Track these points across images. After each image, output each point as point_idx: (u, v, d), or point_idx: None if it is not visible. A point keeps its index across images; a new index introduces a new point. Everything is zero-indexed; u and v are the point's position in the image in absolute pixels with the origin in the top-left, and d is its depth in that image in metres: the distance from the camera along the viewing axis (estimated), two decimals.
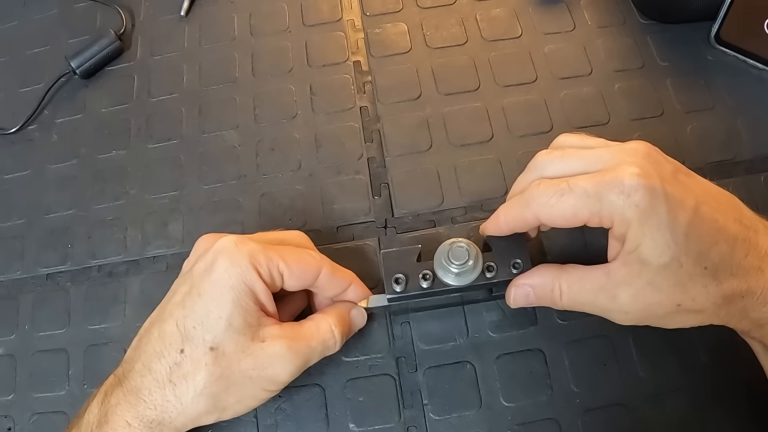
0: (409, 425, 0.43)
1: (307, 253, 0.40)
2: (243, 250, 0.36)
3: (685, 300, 0.34)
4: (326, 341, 0.40)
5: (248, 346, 0.36)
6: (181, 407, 0.36)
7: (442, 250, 0.40)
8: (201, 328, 0.36)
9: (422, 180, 0.51)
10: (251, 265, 0.36)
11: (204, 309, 0.36)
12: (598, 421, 0.43)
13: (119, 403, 0.36)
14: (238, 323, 0.36)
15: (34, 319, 0.49)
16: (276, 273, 0.37)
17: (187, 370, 0.36)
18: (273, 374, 0.37)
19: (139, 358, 0.37)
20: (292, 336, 0.38)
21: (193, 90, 0.57)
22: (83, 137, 0.56)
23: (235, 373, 0.36)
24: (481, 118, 0.53)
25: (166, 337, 0.36)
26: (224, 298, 0.36)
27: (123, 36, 0.60)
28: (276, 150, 0.53)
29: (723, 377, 0.43)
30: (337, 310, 0.42)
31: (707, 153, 0.50)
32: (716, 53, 0.55)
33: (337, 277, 0.40)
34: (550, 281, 0.38)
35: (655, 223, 0.33)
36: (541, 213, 0.36)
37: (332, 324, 0.40)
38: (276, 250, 0.38)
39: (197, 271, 0.37)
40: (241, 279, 0.36)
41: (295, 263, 0.38)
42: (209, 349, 0.36)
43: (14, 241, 0.53)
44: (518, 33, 0.57)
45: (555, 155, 0.38)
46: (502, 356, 0.44)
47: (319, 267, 0.39)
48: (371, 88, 0.55)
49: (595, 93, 0.53)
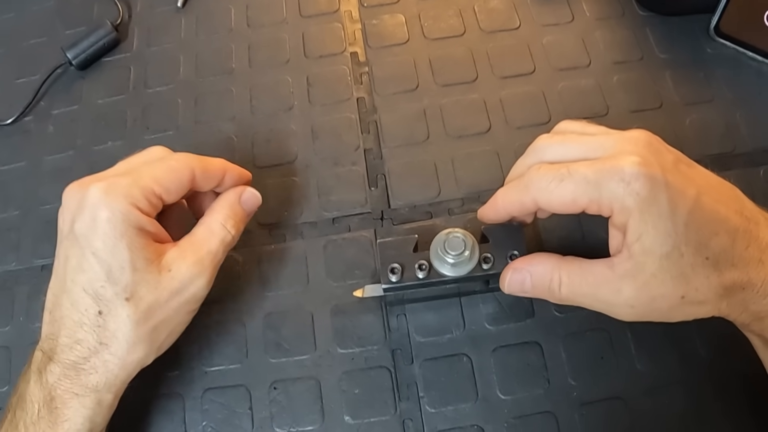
0: (405, 418, 0.43)
1: (174, 160, 0.39)
2: (117, 194, 0.36)
3: (689, 291, 0.34)
4: (224, 238, 0.40)
5: (159, 281, 0.37)
6: (120, 362, 0.37)
7: (439, 240, 0.40)
8: (109, 284, 0.36)
9: (419, 171, 0.50)
10: (130, 206, 0.36)
11: (104, 266, 0.36)
12: (596, 414, 0.42)
13: (60, 379, 0.36)
14: (141, 264, 0.36)
15: (29, 311, 0.49)
16: (154, 198, 0.37)
17: (112, 328, 0.36)
18: (191, 294, 0.38)
19: (60, 332, 0.37)
20: (192, 250, 0.39)
21: (190, 81, 0.57)
22: (79, 128, 0.56)
23: (158, 311, 0.37)
24: (479, 109, 0.52)
25: (80, 305, 0.36)
26: (118, 247, 0.36)
27: (119, 27, 0.60)
28: (272, 141, 0.53)
29: (722, 371, 0.43)
30: (223, 202, 0.42)
31: (706, 145, 0.50)
32: (716, 45, 0.54)
33: (210, 170, 0.40)
34: (550, 270, 0.37)
35: (656, 212, 0.32)
36: (540, 198, 0.35)
37: (221, 220, 0.40)
38: (146, 176, 0.37)
39: (81, 231, 0.36)
40: (127, 223, 0.36)
41: (167, 179, 0.38)
42: (125, 300, 0.36)
43: (9, 232, 0.52)
44: (516, 24, 0.56)
45: (555, 140, 0.37)
46: (499, 349, 0.44)
47: (191, 170, 0.39)
48: (368, 79, 0.55)
49: (593, 85, 0.53)
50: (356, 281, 0.47)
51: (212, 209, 0.41)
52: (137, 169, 0.38)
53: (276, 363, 0.45)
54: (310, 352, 0.45)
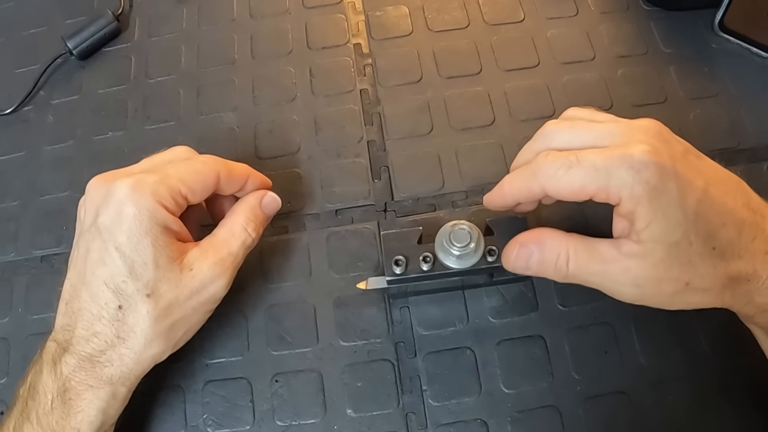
0: (408, 411, 0.43)
1: (201, 162, 0.39)
2: (144, 191, 0.36)
3: (694, 278, 0.34)
4: (244, 241, 0.41)
5: (180, 279, 0.37)
6: (136, 357, 0.37)
7: (444, 231, 0.40)
8: (131, 280, 0.36)
9: (423, 164, 0.50)
10: (157, 203, 0.36)
11: (127, 261, 0.36)
12: (599, 408, 0.42)
13: (75, 371, 0.36)
14: (163, 262, 0.36)
15: (27, 302, 0.49)
16: (180, 198, 0.37)
17: (131, 323, 0.36)
18: (210, 295, 0.39)
19: (77, 324, 0.37)
20: (213, 251, 0.39)
21: (191, 71, 0.56)
22: (79, 118, 0.55)
23: (177, 309, 0.37)
24: (483, 102, 0.52)
25: (99, 298, 0.36)
26: (142, 244, 0.36)
27: (120, 17, 0.59)
28: (275, 132, 0.52)
29: (726, 365, 0.43)
30: (245, 205, 0.42)
31: (710, 140, 0.50)
32: (720, 41, 0.54)
33: (234, 174, 0.41)
34: (558, 245, 0.36)
35: (665, 201, 0.32)
36: (548, 185, 0.35)
37: (243, 223, 0.41)
38: (173, 176, 0.37)
39: (105, 225, 0.36)
40: (153, 220, 0.36)
41: (193, 180, 0.38)
42: (146, 296, 0.36)
43: (8, 223, 0.52)
44: (521, 17, 0.56)
45: (564, 126, 0.37)
46: (503, 342, 0.44)
47: (216, 172, 0.39)
48: (372, 71, 0.54)
49: (597, 78, 0.53)
50: (359, 273, 0.47)
51: (234, 212, 0.42)
52: (164, 168, 0.38)
53: (278, 355, 0.45)
54: (313, 345, 0.45)
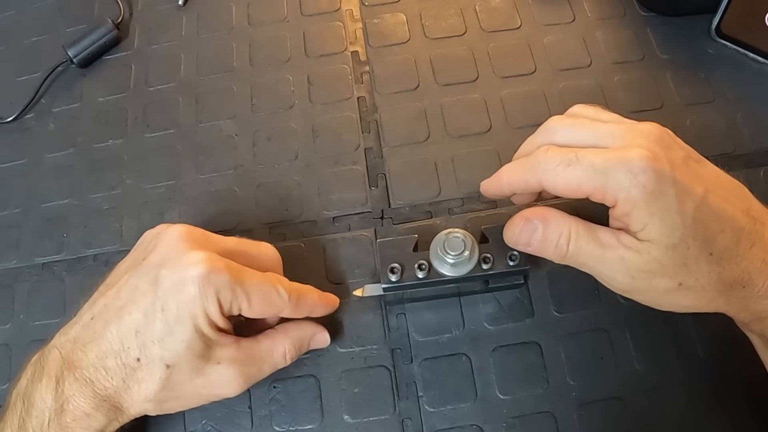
0: (404, 417, 0.43)
1: (276, 293, 0.39)
2: (213, 284, 0.36)
3: (688, 280, 0.34)
4: (276, 364, 0.41)
5: (203, 367, 0.37)
6: (131, 403, 0.37)
7: (438, 240, 0.40)
8: (160, 346, 0.36)
9: (419, 171, 0.50)
10: (217, 301, 0.36)
11: (165, 328, 0.36)
12: (595, 414, 0.42)
13: (74, 395, 0.36)
14: (198, 347, 0.36)
15: (29, 309, 0.49)
16: (236, 309, 0.37)
17: (141, 377, 0.36)
18: (220, 392, 0.39)
19: (92, 348, 0.37)
20: (246, 359, 0.39)
21: (191, 79, 0.57)
22: (80, 126, 0.56)
23: (185, 388, 0.37)
24: (480, 109, 0.52)
25: (124, 340, 0.36)
26: (186, 323, 0.36)
27: (120, 25, 0.60)
28: (273, 140, 0.53)
29: (721, 371, 0.43)
30: (299, 332, 0.42)
31: (707, 146, 0.49)
32: (717, 46, 0.54)
33: (299, 309, 0.40)
34: (561, 224, 0.36)
35: (663, 205, 0.33)
36: (545, 179, 0.35)
37: (287, 348, 0.41)
38: (245, 287, 0.37)
39: (164, 284, 0.36)
40: (204, 310, 0.36)
41: (258, 302, 0.38)
42: (165, 366, 0.36)
43: (10, 230, 0.52)
44: (517, 24, 0.56)
45: (567, 122, 0.37)
46: (498, 348, 0.44)
47: (283, 307, 0.39)
48: (369, 79, 0.55)
49: (594, 85, 0.53)
50: (356, 280, 0.47)
51: (286, 333, 0.42)
52: (241, 273, 0.38)
53: None
54: (310, 351, 0.45)
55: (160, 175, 0.53)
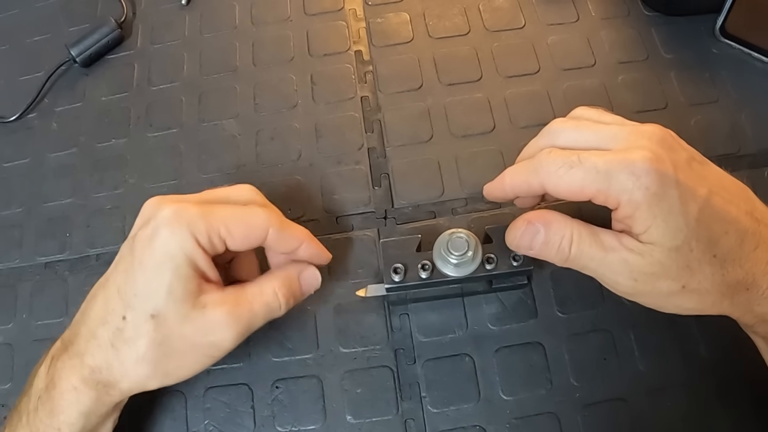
0: (407, 418, 0.43)
1: (253, 213, 0.38)
2: (182, 220, 0.36)
3: (691, 282, 0.34)
4: (269, 304, 0.39)
5: (189, 314, 0.36)
6: (124, 371, 0.36)
7: (442, 240, 0.40)
8: (142, 297, 0.36)
9: (423, 171, 0.50)
10: (190, 235, 0.35)
11: (144, 278, 0.36)
12: (598, 415, 0.42)
13: (65, 367, 0.37)
14: (179, 291, 0.36)
15: (32, 308, 0.49)
16: (217, 239, 0.37)
17: (128, 336, 0.36)
18: (215, 340, 0.37)
19: (84, 323, 0.37)
20: (234, 301, 0.38)
21: (194, 79, 0.57)
22: (83, 126, 0.56)
23: (176, 340, 0.36)
24: (483, 108, 0.52)
25: (109, 303, 0.36)
26: (163, 267, 0.35)
27: (123, 24, 0.60)
28: (276, 139, 0.53)
29: (724, 372, 0.43)
30: (284, 272, 0.41)
31: (711, 146, 0.50)
32: (721, 46, 0.54)
33: (286, 235, 0.39)
34: (563, 226, 0.36)
35: (666, 207, 0.32)
36: (548, 182, 0.35)
37: (276, 287, 0.39)
38: (217, 215, 0.37)
39: (139, 239, 0.36)
40: (180, 249, 0.35)
41: (237, 227, 0.37)
42: (150, 316, 0.36)
43: (13, 229, 0.52)
44: (521, 24, 0.56)
45: (570, 124, 0.37)
46: (502, 349, 0.44)
47: (266, 227, 0.38)
48: (372, 78, 0.55)
49: (598, 85, 0.53)
50: (359, 280, 0.47)
51: (271, 273, 0.41)
52: (214, 206, 0.38)
53: (278, 362, 0.45)
54: (313, 351, 0.45)
55: (163, 174, 0.53)
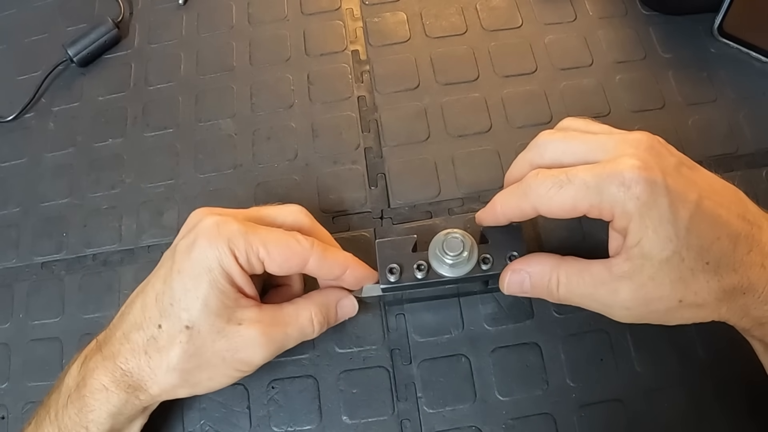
0: (403, 418, 0.43)
1: (294, 239, 0.38)
2: (223, 233, 0.36)
3: (687, 295, 0.33)
4: (303, 329, 0.40)
5: (223, 328, 0.37)
6: (154, 378, 0.37)
7: (437, 240, 0.40)
8: (178, 306, 0.36)
9: (419, 170, 0.50)
10: (229, 249, 0.36)
11: (182, 287, 0.36)
12: (594, 416, 0.42)
13: (97, 368, 0.37)
14: (214, 304, 0.36)
15: (28, 308, 0.49)
16: (255, 259, 0.37)
17: (162, 344, 0.36)
18: (246, 357, 0.38)
19: (120, 327, 0.38)
20: (270, 321, 0.38)
21: (190, 78, 0.57)
22: (80, 125, 0.56)
23: (208, 353, 0.37)
24: (480, 108, 0.52)
25: (147, 310, 0.37)
26: (201, 279, 0.36)
27: (121, 24, 0.60)
28: (272, 139, 0.53)
29: (721, 374, 0.43)
30: (324, 297, 0.41)
31: (709, 146, 0.49)
32: (719, 45, 0.54)
33: (328, 263, 0.39)
34: (548, 270, 0.37)
35: (656, 216, 0.32)
36: (540, 205, 0.35)
37: (313, 313, 0.40)
38: (258, 236, 0.37)
39: (180, 248, 0.37)
40: (218, 262, 0.36)
41: (276, 250, 0.37)
42: (185, 327, 0.36)
43: (9, 229, 0.52)
44: (518, 23, 0.56)
45: (557, 136, 0.37)
46: (498, 349, 0.44)
47: (306, 256, 0.38)
48: (369, 78, 0.55)
49: (595, 84, 0.52)
50: None
51: (310, 297, 0.41)
52: (257, 226, 0.38)
53: (274, 362, 0.44)
54: (309, 351, 0.45)
55: (160, 174, 0.53)
